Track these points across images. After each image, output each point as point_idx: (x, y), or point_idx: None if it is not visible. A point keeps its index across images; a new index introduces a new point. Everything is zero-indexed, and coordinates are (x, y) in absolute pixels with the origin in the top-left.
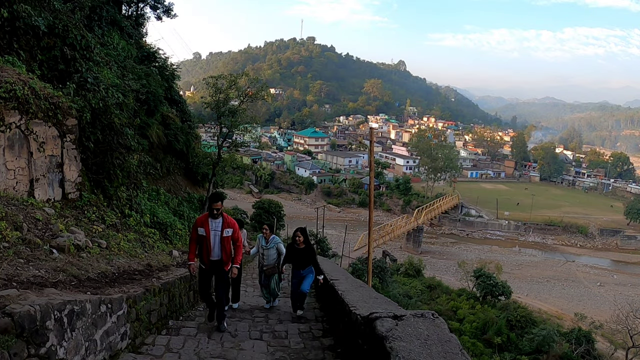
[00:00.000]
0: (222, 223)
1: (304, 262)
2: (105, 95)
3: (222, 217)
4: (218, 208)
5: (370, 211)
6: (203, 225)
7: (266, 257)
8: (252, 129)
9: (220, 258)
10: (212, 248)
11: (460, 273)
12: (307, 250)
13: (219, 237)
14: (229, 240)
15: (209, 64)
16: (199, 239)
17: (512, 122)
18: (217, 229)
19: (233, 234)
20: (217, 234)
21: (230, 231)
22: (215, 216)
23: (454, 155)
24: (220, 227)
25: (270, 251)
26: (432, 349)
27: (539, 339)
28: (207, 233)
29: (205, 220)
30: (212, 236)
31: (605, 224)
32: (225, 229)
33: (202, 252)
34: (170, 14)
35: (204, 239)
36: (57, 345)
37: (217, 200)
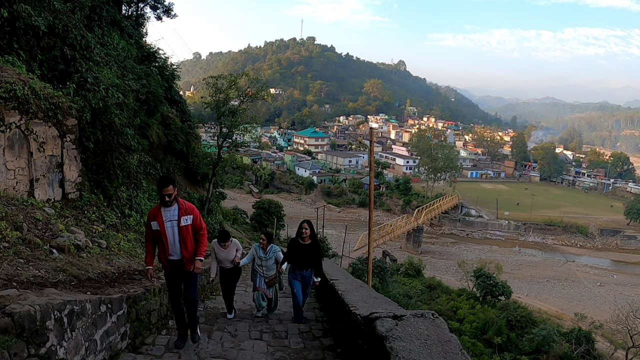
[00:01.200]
0: (177, 210)
1: (308, 261)
2: (105, 95)
3: (177, 203)
4: (170, 194)
5: (370, 211)
6: (155, 217)
7: (265, 268)
8: (252, 129)
9: (181, 257)
10: (169, 244)
11: (460, 273)
12: (313, 247)
13: (176, 229)
14: (188, 230)
15: (209, 64)
16: (154, 236)
17: (512, 122)
18: (172, 219)
19: (194, 221)
20: (173, 225)
21: (190, 218)
22: (167, 203)
23: (454, 155)
24: (177, 215)
25: (269, 262)
26: (432, 349)
27: (539, 339)
28: (162, 226)
29: (157, 211)
30: (167, 229)
31: (605, 224)
32: (183, 217)
33: (160, 251)
34: (170, 14)
35: (159, 234)
36: (57, 345)
37: (167, 184)
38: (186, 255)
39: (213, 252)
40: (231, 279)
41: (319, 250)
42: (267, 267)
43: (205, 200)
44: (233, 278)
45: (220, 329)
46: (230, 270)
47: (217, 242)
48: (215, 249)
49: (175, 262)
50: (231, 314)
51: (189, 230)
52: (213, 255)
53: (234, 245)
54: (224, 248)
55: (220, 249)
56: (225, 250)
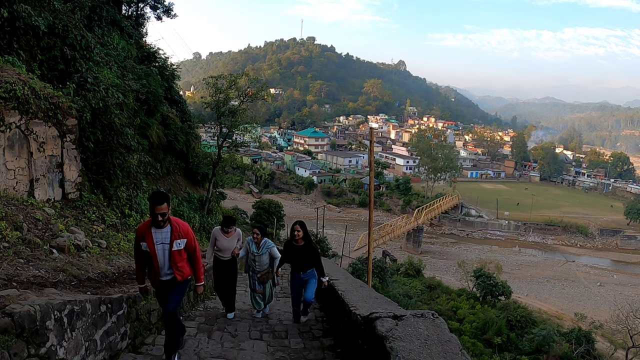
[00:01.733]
0: (170, 233)
1: (304, 263)
2: (105, 95)
3: (170, 224)
4: (163, 212)
5: (370, 211)
6: (145, 237)
7: (258, 263)
8: (252, 129)
9: (173, 277)
10: (160, 267)
11: (460, 273)
12: (308, 248)
13: (167, 253)
14: (182, 254)
15: (209, 64)
16: (143, 256)
17: (512, 122)
18: (164, 241)
19: (187, 244)
20: (165, 248)
21: (183, 243)
22: (159, 224)
23: (454, 155)
24: (169, 238)
25: (262, 257)
26: (432, 349)
27: (539, 339)
28: (152, 248)
29: (147, 230)
30: (158, 251)
31: (605, 224)
32: (176, 241)
33: (150, 271)
34: (170, 14)
35: (149, 255)
36: (57, 345)
37: (161, 201)
38: (177, 276)
39: (213, 239)
40: (228, 274)
41: (315, 251)
42: (260, 263)
43: (205, 200)
44: (230, 272)
45: (220, 329)
46: (228, 262)
47: (219, 229)
48: (216, 236)
49: (165, 282)
50: (231, 314)
51: (182, 254)
52: (212, 241)
53: (237, 234)
54: (226, 235)
55: (222, 237)
56: (228, 239)
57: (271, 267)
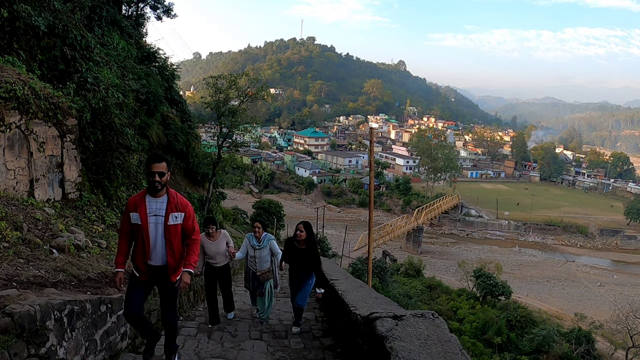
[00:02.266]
0: (166, 203)
1: (302, 268)
2: (105, 95)
3: (168, 194)
4: (162, 172)
5: (370, 211)
6: (137, 207)
7: (258, 260)
8: (252, 129)
9: (165, 263)
10: (151, 246)
11: (460, 273)
12: (309, 253)
13: (161, 227)
14: (177, 231)
15: (209, 64)
16: (132, 232)
17: (512, 122)
18: (159, 213)
19: (185, 220)
20: (158, 221)
21: (181, 217)
22: (156, 189)
23: (454, 155)
24: (164, 209)
25: (263, 252)
26: (432, 349)
27: (539, 339)
28: (144, 220)
29: (140, 200)
30: (151, 225)
31: (605, 224)
32: (172, 214)
33: (137, 252)
34: (170, 14)
35: (139, 229)
36: (57, 345)
37: (160, 159)
38: (172, 262)
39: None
40: (223, 279)
41: (317, 257)
42: (261, 259)
43: (205, 200)
44: (225, 277)
45: (220, 329)
46: (220, 269)
47: (203, 235)
48: (202, 242)
49: (155, 269)
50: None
51: (178, 231)
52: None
53: (224, 236)
54: (211, 239)
55: (207, 242)
56: (214, 242)
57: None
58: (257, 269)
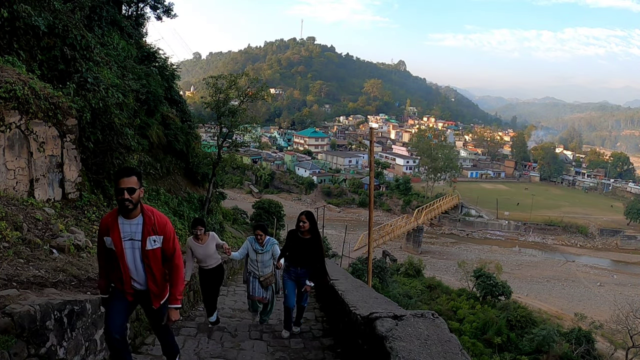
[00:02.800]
0: (142, 226)
1: (306, 258)
2: (105, 95)
3: (143, 213)
4: (131, 188)
5: (370, 211)
6: (110, 231)
7: (260, 264)
8: (252, 129)
9: (147, 288)
10: (130, 272)
11: (460, 273)
12: (314, 242)
13: (139, 253)
14: (157, 255)
15: (209, 64)
16: (108, 256)
17: (512, 122)
18: (134, 237)
19: (165, 243)
20: (135, 246)
21: (160, 239)
22: (127, 209)
23: (454, 155)
24: (140, 232)
25: (265, 256)
26: (432, 349)
27: (539, 339)
28: (118, 246)
29: (113, 222)
30: (127, 251)
31: (605, 224)
32: (149, 237)
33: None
34: (170, 14)
35: (115, 255)
36: (57, 345)
37: (128, 173)
38: (153, 287)
39: (189, 251)
40: (213, 281)
41: (319, 247)
42: (263, 263)
43: (205, 200)
44: (216, 280)
45: (220, 329)
46: (213, 271)
47: (192, 238)
48: (191, 246)
49: (139, 292)
50: (213, 317)
51: (158, 255)
52: (189, 253)
53: (212, 239)
54: (200, 242)
55: (196, 245)
56: (203, 245)
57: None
58: (260, 274)
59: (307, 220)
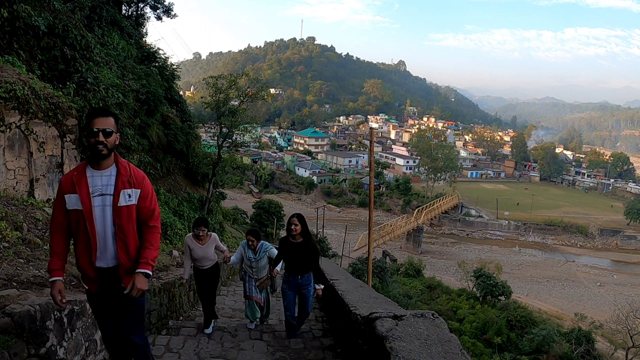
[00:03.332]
0: (115, 177)
1: (302, 264)
2: (105, 95)
3: (117, 164)
4: (108, 131)
5: (370, 211)
6: (76, 185)
7: (256, 270)
8: (252, 129)
9: (116, 264)
10: (98, 238)
11: (460, 273)
12: (306, 246)
13: (110, 211)
14: (131, 215)
15: (209, 64)
16: (68, 224)
17: (512, 122)
18: (105, 191)
19: (142, 200)
20: (106, 202)
21: (136, 195)
22: (100, 157)
23: (454, 155)
24: (113, 185)
25: (260, 262)
26: (432, 349)
27: (539, 339)
28: (86, 203)
29: (79, 175)
30: (96, 210)
31: (605, 224)
32: (124, 191)
33: (78, 251)
34: (170, 14)
35: (79, 218)
36: (57, 345)
37: (105, 113)
38: (124, 260)
39: (187, 249)
40: (210, 282)
41: (314, 250)
42: (258, 268)
43: (205, 200)
44: (212, 280)
45: (220, 329)
46: (209, 271)
47: (191, 236)
48: (189, 245)
49: (106, 272)
50: (209, 328)
51: (132, 215)
52: (187, 252)
53: (213, 240)
54: (200, 242)
55: (196, 244)
56: (203, 247)
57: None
58: (255, 278)
59: (298, 222)
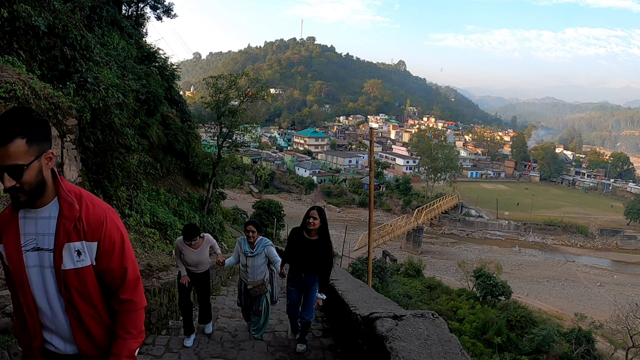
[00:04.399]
0: (57, 221)
1: (312, 264)
2: (105, 95)
3: (58, 196)
4: (13, 165)
5: (370, 211)
6: (2, 231)
7: (250, 270)
8: (252, 129)
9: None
10: (39, 310)
11: (460, 273)
12: (322, 245)
13: (51, 277)
14: (87, 281)
15: (209, 64)
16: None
17: (512, 122)
18: (42, 245)
19: (103, 260)
20: (44, 261)
21: (91, 250)
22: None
23: (454, 155)
24: (53, 233)
25: (256, 260)
26: (432, 349)
27: (539, 339)
28: (14, 261)
29: (9, 217)
30: (31, 272)
31: (605, 224)
32: (69, 246)
33: (18, 320)
34: (170, 14)
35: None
36: None
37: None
38: (88, 348)
39: (178, 253)
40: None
41: (328, 251)
42: (254, 268)
43: (205, 200)
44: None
45: (221, 329)
46: (199, 275)
47: (182, 240)
48: (182, 249)
49: (61, 358)
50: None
51: (89, 281)
52: (178, 256)
53: (207, 242)
54: (193, 248)
55: (188, 249)
56: (196, 251)
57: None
58: (249, 280)
59: (318, 216)
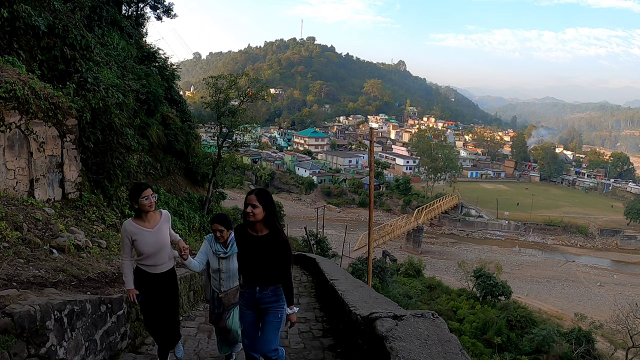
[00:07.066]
0: None
1: (263, 269)
2: (105, 95)
3: None
4: None
5: (370, 211)
6: None
7: (225, 276)
8: (252, 129)
9: None
10: None
11: (460, 273)
12: (272, 242)
13: None
14: None
15: (209, 64)
16: None
17: (512, 122)
18: None
19: None
20: None
21: None
22: None
23: (454, 155)
24: None
25: (232, 262)
26: (432, 349)
27: (539, 339)
28: None
29: None
30: None
31: (605, 224)
32: None
33: None
34: (170, 14)
35: None
36: (57, 345)
37: None
38: None
39: (127, 241)
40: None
41: (282, 248)
42: (229, 272)
43: (205, 200)
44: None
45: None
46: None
47: (131, 221)
48: (131, 231)
49: None
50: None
51: None
52: (127, 246)
53: (166, 219)
54: (146, 225)
55: (141, 230)
56: (152, 231)
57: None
58: (223, 289)
59: (258, 202)
